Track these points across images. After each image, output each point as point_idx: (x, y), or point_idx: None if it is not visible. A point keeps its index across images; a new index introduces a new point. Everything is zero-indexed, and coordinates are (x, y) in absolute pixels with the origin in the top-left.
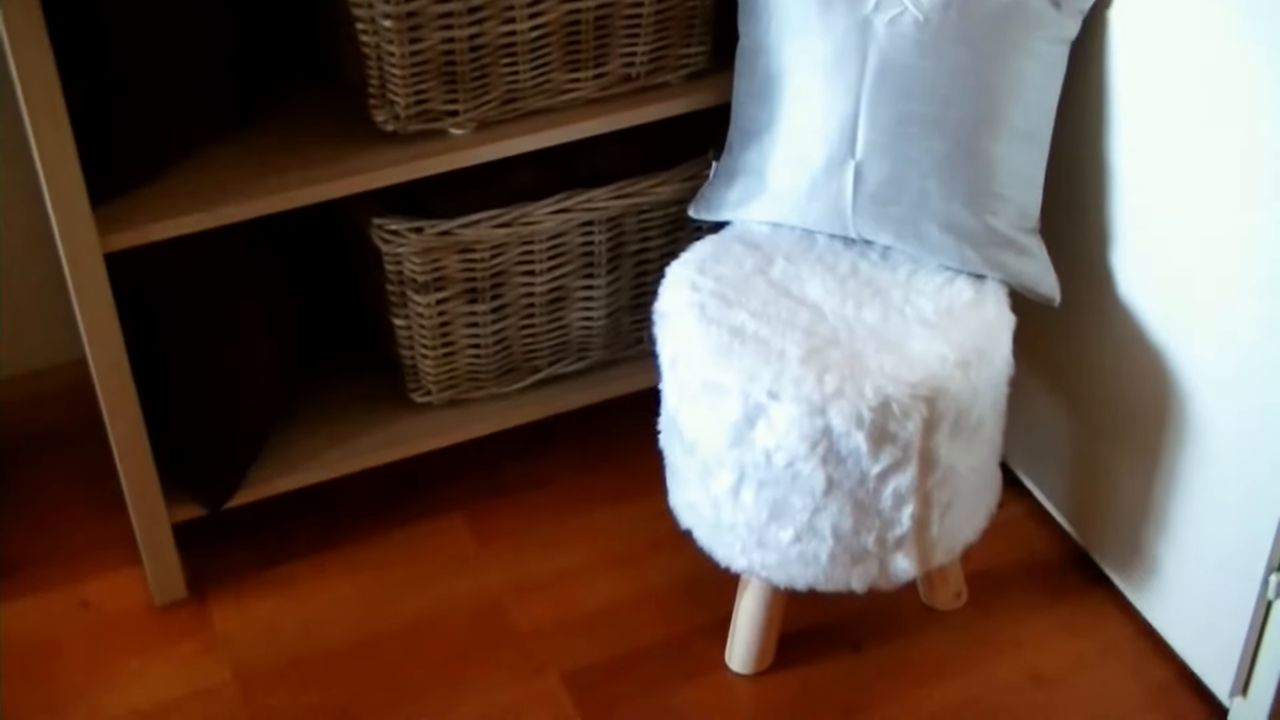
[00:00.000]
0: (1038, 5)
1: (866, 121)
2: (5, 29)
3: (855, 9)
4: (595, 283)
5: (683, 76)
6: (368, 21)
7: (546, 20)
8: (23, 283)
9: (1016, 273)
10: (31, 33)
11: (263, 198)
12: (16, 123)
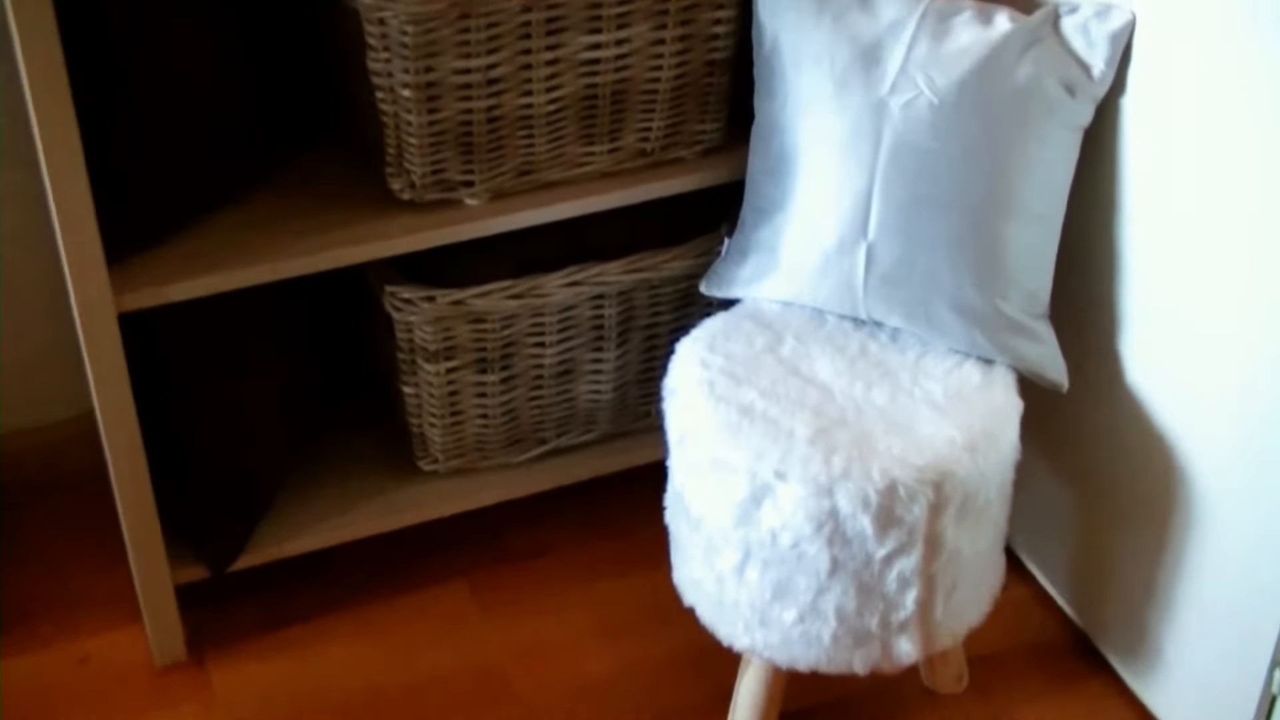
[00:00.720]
0: (1052, 91)
1: (880, 202)
2: (28, 84)
3: (871, 90)
4: (604, 356)
5: (697, 152)
6: (387, 90)
7: (564, 94)
8: (32, 335)
9: (1025, 357)
10: (54, 89)
11: (277, 262)
12: (34, 177)
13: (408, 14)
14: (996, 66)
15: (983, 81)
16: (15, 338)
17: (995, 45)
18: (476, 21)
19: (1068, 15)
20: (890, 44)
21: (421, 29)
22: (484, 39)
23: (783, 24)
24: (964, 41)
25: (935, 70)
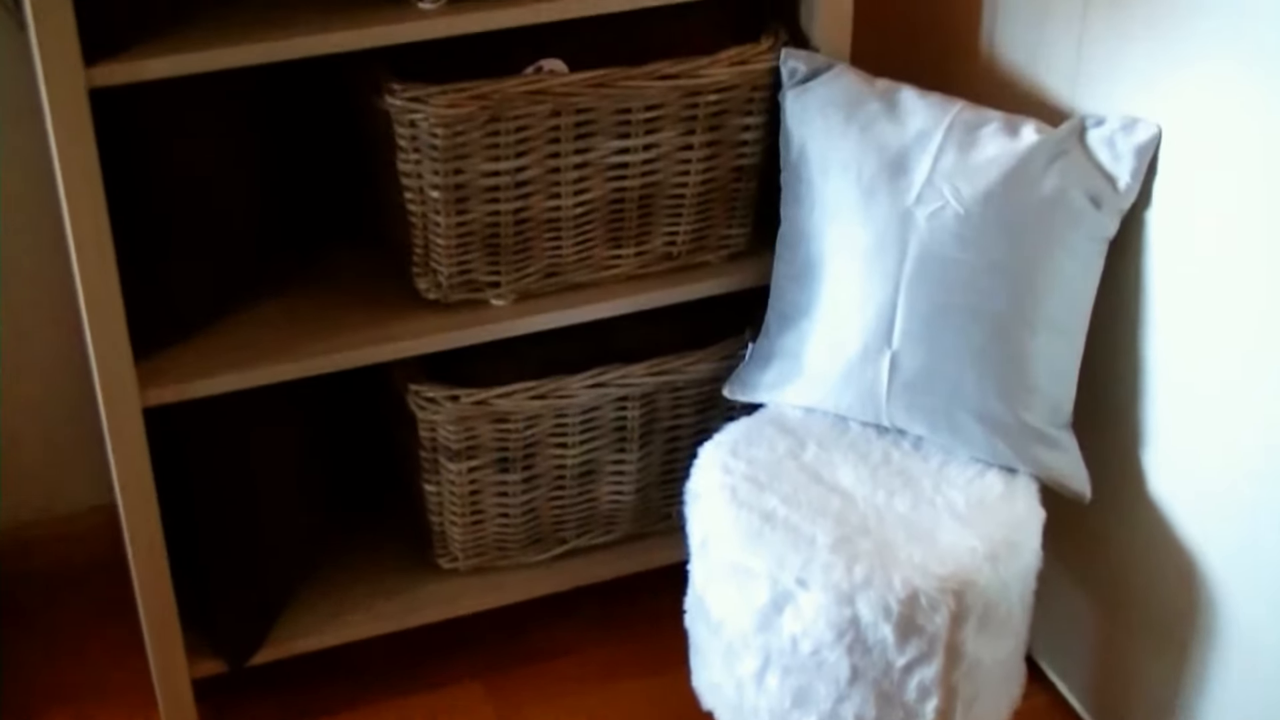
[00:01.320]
0: (1078, 203)
1: (904, 311)
2: (63, 185)
3: (897, 200)
4: (627, 457)
5: (723, 257)
6: (415, 191)
7: (592, 197)
8: (56, 425)
9: (1048, 467)
10: (88, 189)
11: (302, 360)
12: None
13: (438, 117)
14: (1023, 178)
15: (1009, 193)
16: (39, 427)
17: (1021, 157)
18: (506, 125)
19: (1094, 128)
20: (917, 154)
21: (451, 132)
22: (513, 142)
23: (811, 132)
24: (990, 153)
25: (961, 181)
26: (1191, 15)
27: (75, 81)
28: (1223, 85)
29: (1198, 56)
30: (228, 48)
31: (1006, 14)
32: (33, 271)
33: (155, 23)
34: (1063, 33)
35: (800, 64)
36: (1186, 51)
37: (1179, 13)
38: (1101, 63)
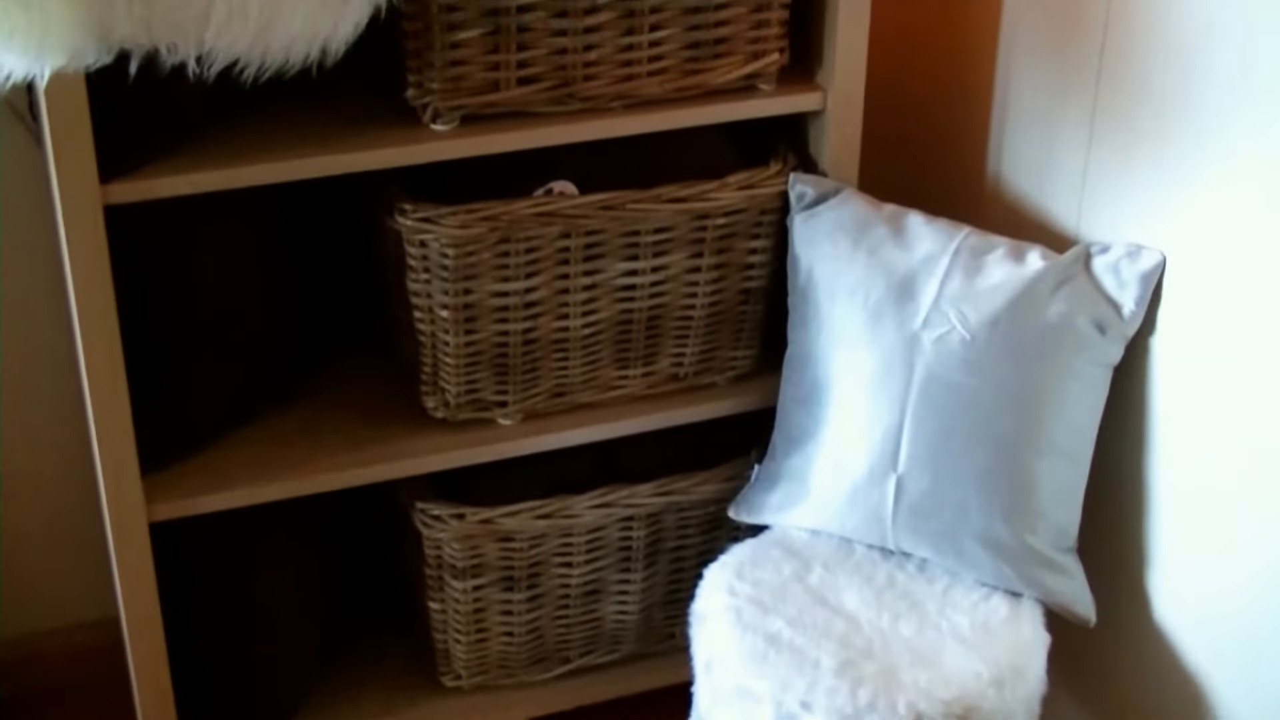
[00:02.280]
0: (1083, 329)
1: (910, 435)
2: (75, 298)
3: (904, 324)
4: (631, 577)
5: (729, 378)
6: (425, 310)
7: (600, 318)
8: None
9: (1053, 591)
10: (100, 307)
11: (309, 478)
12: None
13: (449, 238)
14: (1029, 304)
15: (1015, 318)
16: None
17: (1028, 283)
18: (516, 246)
19: (1099, 255)
20: (924, 279)
21: (461, 252)
22: (523, 263)
23: (818, 256)
24: (996, 278)
25: (968, 306)
26: (1194, 145)
27: (91, 199)
28: (1226, 214)
29: (1201, 186)
30: (241, 167)
31: (1012, 141)
32: (38, 380)
33: (170, 140)
34: (1068, 160)
35: (809, 188)
36: (1190, 181)
37: (1182, 142)
38: (1106, 190)
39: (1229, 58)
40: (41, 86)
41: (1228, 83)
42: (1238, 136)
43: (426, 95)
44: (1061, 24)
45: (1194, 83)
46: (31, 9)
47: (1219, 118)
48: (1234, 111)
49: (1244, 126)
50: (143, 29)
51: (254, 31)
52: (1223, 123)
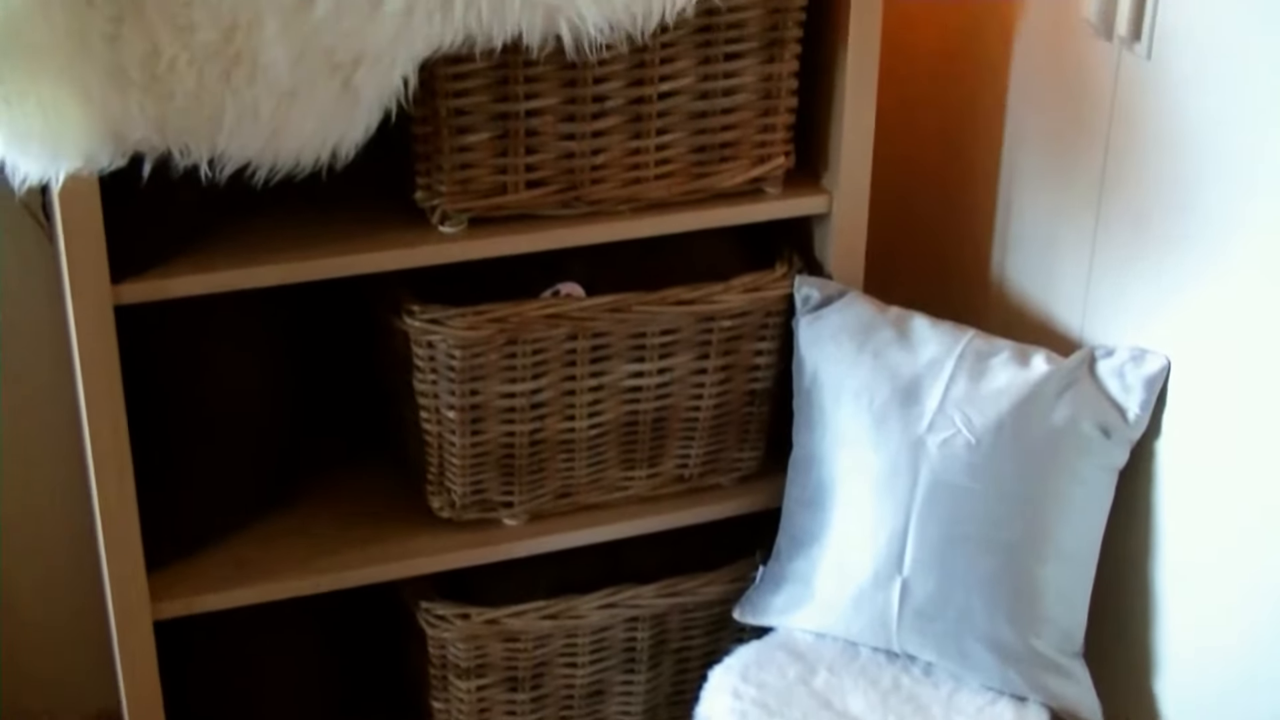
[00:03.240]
0: (1088, 434)
1: (915, 538)
2: (84, 396)
3: (909, 427)
4: (636, 678)
5: (735, 479)
6: (432, 411)
7: (606, 420)
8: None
9: (1058, 695)
10: (109, 403)
11: (314, 577)
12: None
13: (456, 339)
14: (1033, 407)
15: (1019, 422)
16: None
17: (1032, 386)
18: (523, 348)
19: (1103, 359)
20: (929, 382)
21: (469, 354)
22: (530, 365)
23: (824, 358)
24: (1001, 382)
25: (973, 409)
26: (1198, 249)
27: (102, 299)
28: (1229, 318)
29: (1205, 289)
30: (250, 268)
31: (1016, 243)
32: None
33: (181, 240)
34: (1072, 264)
35: (814, 291)
36: (1193, 284)
37: (1186, 246)
38: (1110, 293)
39: (1231, 162)
40: (56, 189)
41: (1230, 187)
42: (1241, 241)
43: (435, 197)
44: (1065, 127)
45: (1196, 187)
46: (48, 114)
47: (1222, 221)
48: (1237, 216)
49: (1247, 230)
50: (156, 132)
51: (265, 135)
52: (1225, 226)
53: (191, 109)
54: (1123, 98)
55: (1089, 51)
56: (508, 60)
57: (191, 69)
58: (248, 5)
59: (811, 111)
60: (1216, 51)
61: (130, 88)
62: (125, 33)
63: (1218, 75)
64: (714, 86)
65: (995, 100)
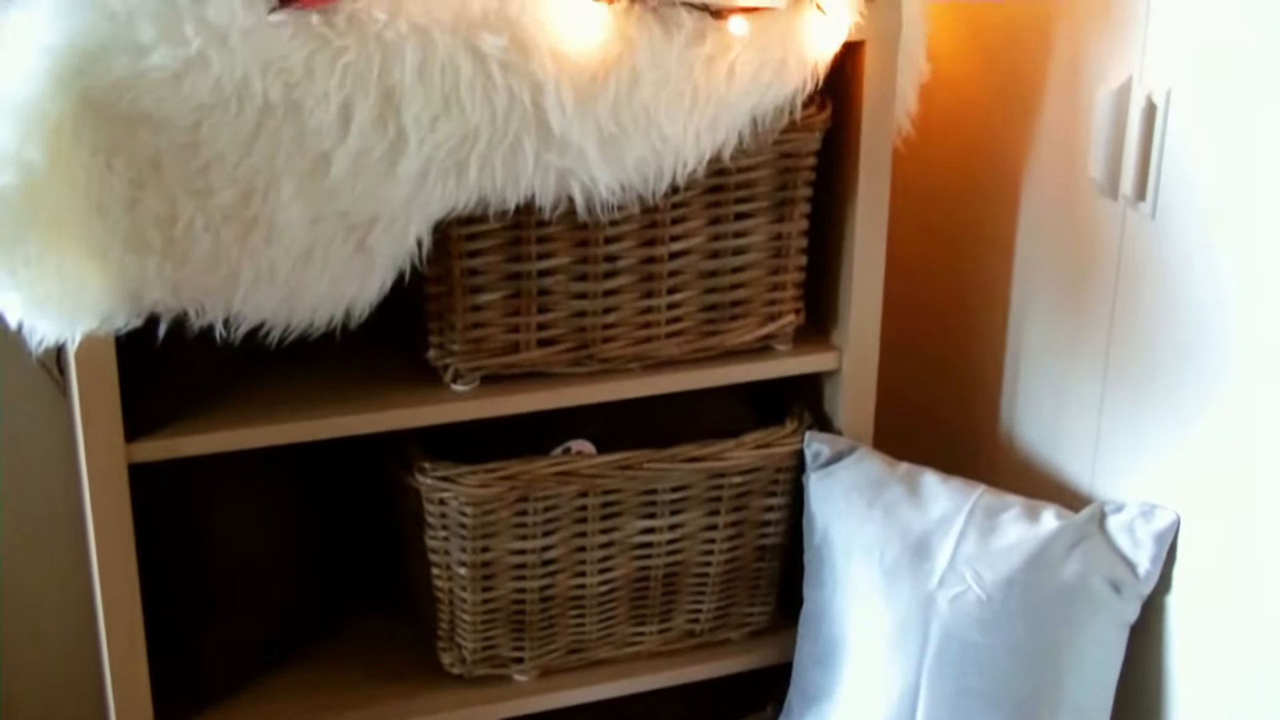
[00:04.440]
0: (1099, 589)
1: (927, 694)
2: (96, 555)
3: (920, 583)
4: None
5: (745, 634)
6: (443, 568)
7: (616, 576)
8: None
9: None
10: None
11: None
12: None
13: (468, 496)
14: (1044, 563)
15: (1030, 578)
16: None
17: (1043, 542)
18: (534, 505)
19: (1113, 514)
20: (939, 538)
21: (480, 511)
22: (541, 522)
23: (834, 514)
24: (1012, 538)
25: (983, 566)
26: (1206, 406)
27: (116, 458)
28: (1240, 473)
29: (1215, 444)
30: (264, 426)
31: (1025, 400)
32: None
33: (195, 397)
34: (1081, 418)
35: (824, 447)
36: (1203, 439)
37: (1195, 401)
38: (1119, 447)
39: (1237, 319)
40: (72, 349)
41: (1236, 343)
42: (1248, 397)
43: (447, 356)
44: (1072, 283)
45: (1203, 344)
46: (66, 277)
47: (1229, 378)
48: (1243, 372)
49: (1254, 387)
50: (172, 293)
51: (281, 295)
52: (1232, 383)
53: (208, 270)
54: (1128, 256)
55: (1094, 210)
56: (520, 221)
57: (208, 231)
58: (264, 168)
59: (821, 268)
60: (1221, 210)
61: (148, 250)
62: (144, 196)
63: (1222, 234)
64: (724, 245)
65: (1002, 256)
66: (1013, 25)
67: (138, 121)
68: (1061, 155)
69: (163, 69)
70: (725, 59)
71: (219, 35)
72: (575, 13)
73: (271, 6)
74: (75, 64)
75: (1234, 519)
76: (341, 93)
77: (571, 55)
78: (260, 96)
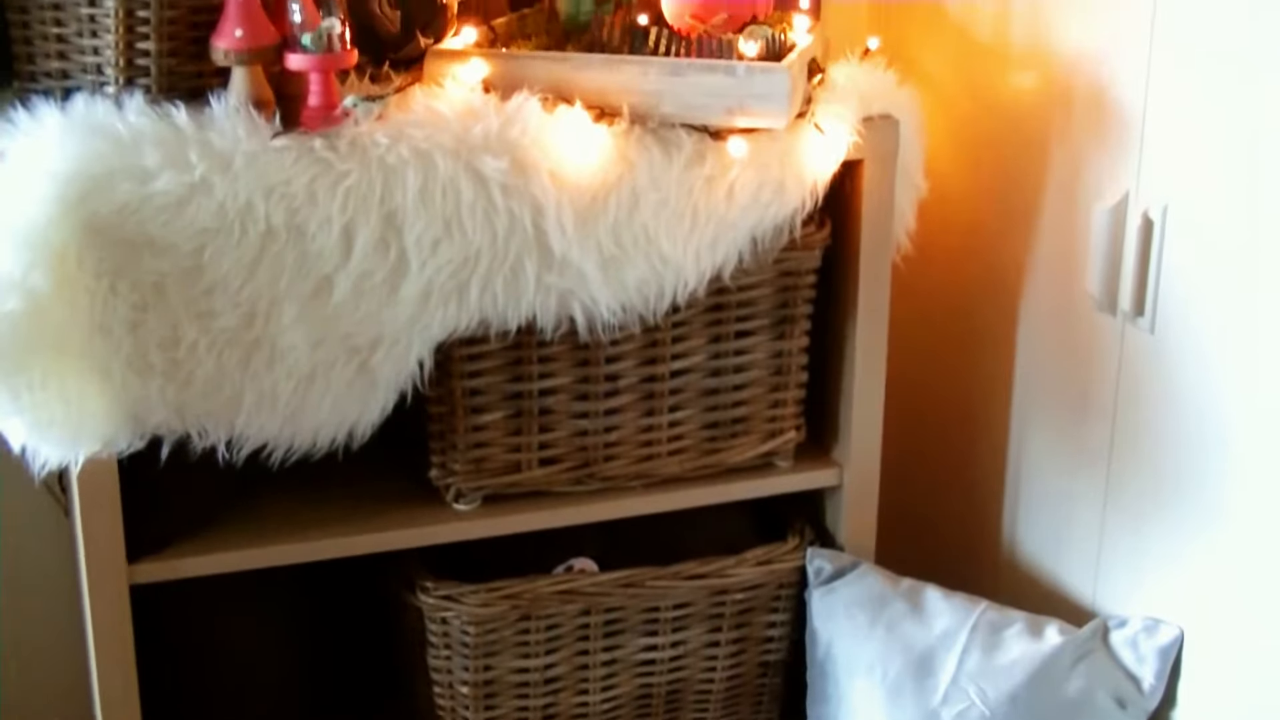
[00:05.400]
0: (1103, 704)
1: None
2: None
3: (923, 700)
4: None
5: None
6: (445, 686)
7: (619, 693)
8: None
9: None
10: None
11: None
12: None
13: (470, 615)
14: (1048, 679)
15: (1034, 694)
16: None
17: (1046, 658)
18: (536, 624)
19: (1117, 629)
20: (942, 654)
21: (483, 630)
22: (543, 640)
23: (837, 630)
24: (1015, 654)
25: (987, 682)
26: (1208, 520)
27: (118, 579)
28: (1243, 587)
29: (1217, 559)
30: (264, 547)
31: (1026, 515)
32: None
33: (197, 518)
34: (1082, 533)
35: (826, 563)
36: (1206, 554)
37: (1196, 517)
38: (1121, 562)
39: (1238, 433)
40: (75, 471)
41: (1241, 456)
42: (1249, 511)
43: (449, 476)
44: (1072, 398)
45: (1204, 458)
46: (69, 400)
47: (1230, 492)
48: (1243, 486)
49: (1259, 500)
50: (175, 416)
51: (283, 417)
52: (1237, 495)
53: (211, 393)
54: (1128, 371)
55: (1093, 325)
56: (522, 341)
57: (211, 354)
58: (267, 292)
59: (821, 384)
60: (1221, 325)
61: (151, 373)
62: (147, 320)
63: (1222, 348)
64: (725, 363)
65: (1002, 371)
66: (1009, 142)
67: (142, 246)
68: (1060, 270)
69: (167, 194)
70: (725, 179)
71: (223, 160)
72: (575, 135)
73: (275, 131)
74: (81, 189)
75: (1238, 634)
76: (344, 216)
77: (572, 177)
78: (263, 221)
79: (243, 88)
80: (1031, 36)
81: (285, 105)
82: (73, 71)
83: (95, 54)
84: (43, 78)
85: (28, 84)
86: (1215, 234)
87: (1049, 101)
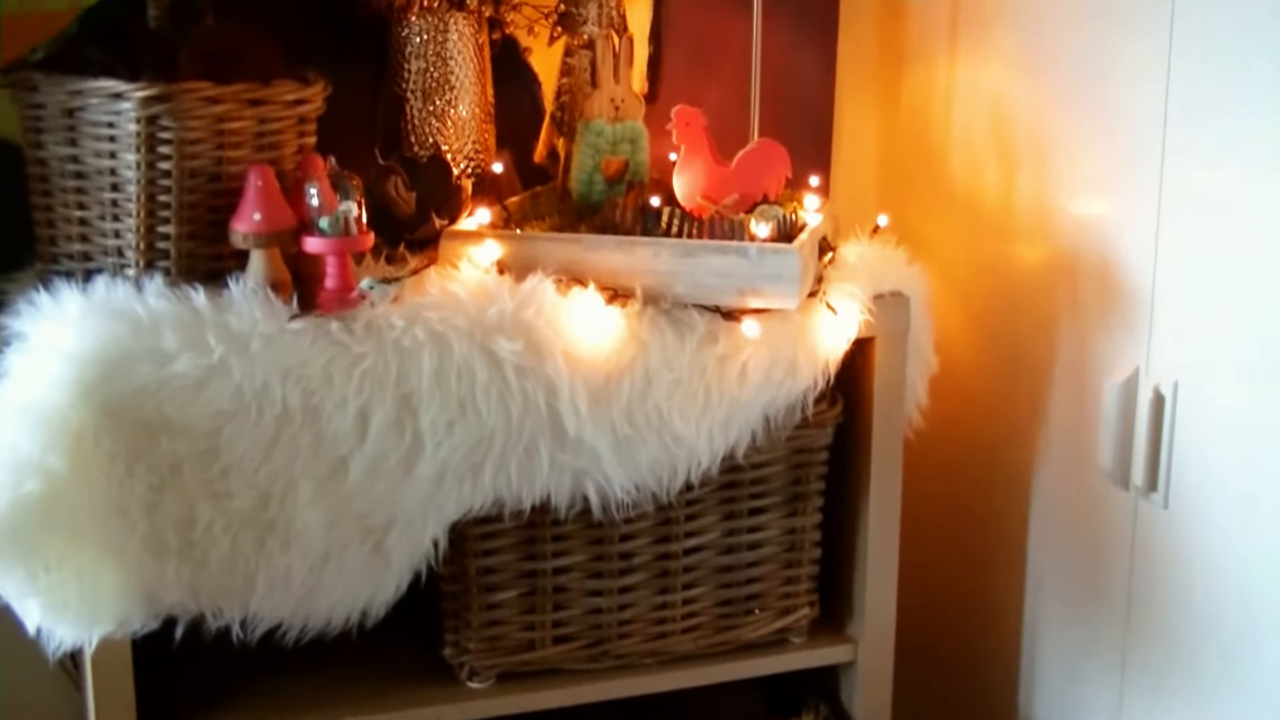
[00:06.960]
0: None
1: None
2: None
3: None
4: None
5: None
6: None
7: None
8: None
9: None
10: None
11: None
12: None
13: None
14: None
15: None
16: None
17: None
18: None
19: None
20: None
21: None
22: None
23: None
24: None
25: None
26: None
27: None
28: None
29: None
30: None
31: (1042, 691)
32: None
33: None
34: (1100, 710)
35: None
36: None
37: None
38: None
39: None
40: (89, 652)
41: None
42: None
43: (463, 654)
44: (1086, 572)
45: (1221, 631)
46: (85, 581)
47: (1251, 668)
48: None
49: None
50: (190, 596)
51: (298, 597)
52: (1256, 673)
53: (225, 574)
54: (1142, 546)
55: (1106, 500)
56: (536, 520)
57: (227, 535)
58: (282, 473)
59: (835, 560)
60: (1236, 499)
61: (166, 553)
62: (163, 500)
63: (1238, 522)
64: (739, 541)
65: (1015, 546)
66: (1020, 318)
67: (158, 428)
68: (1071, 445)
69: (185, 376)
70: (738, 359)
71: (241, 343)
72: (589, 316)
73: (292, 314)
74: (99, 372)
75: None
76: (359, 398)
77: (585, 358)
78: (280, 402)
79: (260, 270)
80: (1037, 210)
81: (302, 286)
82: (94, 254)
83: (116, 237)
84: (64, 259)
85: (49, 265)
86: (1227, 409)
87: (1056, 276)
